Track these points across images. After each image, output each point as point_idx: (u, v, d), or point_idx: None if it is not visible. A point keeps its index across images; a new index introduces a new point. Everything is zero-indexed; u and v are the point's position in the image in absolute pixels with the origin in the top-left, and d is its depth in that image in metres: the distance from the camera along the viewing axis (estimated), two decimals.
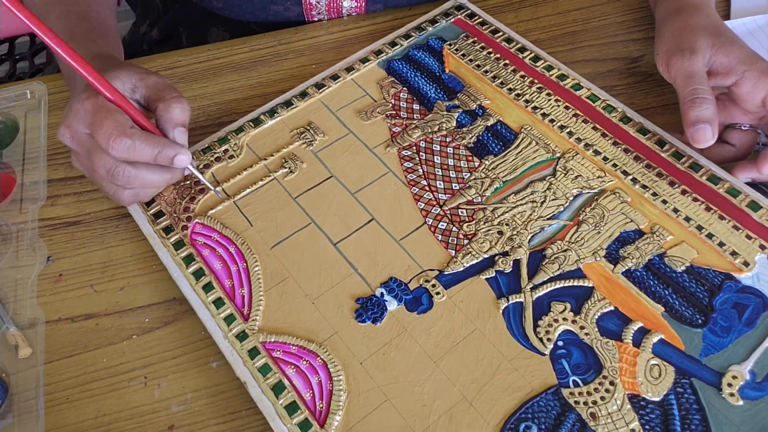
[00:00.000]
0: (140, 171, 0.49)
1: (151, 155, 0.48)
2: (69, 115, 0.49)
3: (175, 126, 0.50)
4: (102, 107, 0.48)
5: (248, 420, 0.46)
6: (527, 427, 0.43)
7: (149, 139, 0.48)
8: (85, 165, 0.51)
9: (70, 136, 0.50)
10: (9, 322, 0.50)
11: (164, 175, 0.51)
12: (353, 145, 0.58)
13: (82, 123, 0.49)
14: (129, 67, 0.52)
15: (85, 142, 0.49)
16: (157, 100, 0.50)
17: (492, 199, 0.54)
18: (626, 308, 0.47)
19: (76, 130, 0.49)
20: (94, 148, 0.49)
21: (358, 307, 0.49)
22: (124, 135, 0.47)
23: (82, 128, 0.49)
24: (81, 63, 0.47)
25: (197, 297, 0.50)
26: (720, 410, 0.43)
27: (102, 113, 0.47)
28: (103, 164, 0.48)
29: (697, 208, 0.52)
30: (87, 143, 0.49)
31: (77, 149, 0.50)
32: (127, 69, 0.51)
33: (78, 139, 0.49)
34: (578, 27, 0.68)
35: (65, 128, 0.50)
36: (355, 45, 0.67)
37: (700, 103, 0.51)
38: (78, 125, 0.49)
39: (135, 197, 0.52)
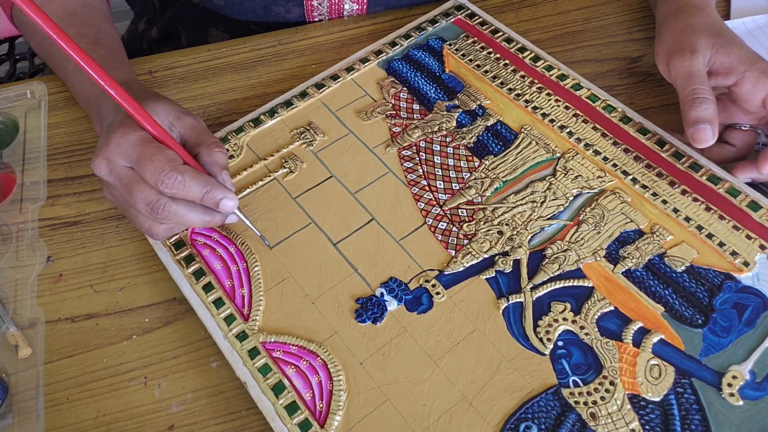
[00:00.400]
0: (180, 208, 0.48)
1: (198, 194, 0.47)
2: (108, 148, 0.47)
3: (220, 170, 0.49)
4: (150, 142, 0.47)
5: (248, 420, 0.46)
6: (527, 427, 0.43)
7: (199, 177, 0.47)
8: (118, 198, 0.50)
9: (108, 169, 0.48)
10: (9, 322, 0.50)
11: (204, 217, 0.49)
12: (353, 145, 0.58)
13: (124, 156, 0.47)
14: (166, 102, 0.51)
15: (124, 175, 0.48)
16: (197, 145, 0.50)
17: (492, 199, 0.54)
18: (626, 308, 0.47)
19: (116, 163, 0.47)
20: (135, 181, 0.47)
21: (358, 307, 0.49)
22: (176, 171, 0.46)
23: (123, 161, 0.47)
24: (122, 95, 0.46)
25: (197, 297, 0.50)
26: (720, 410, 0.43)
27: (151, 148, 0.47)
28: (144, 198, 0.47)
29: (697, 208, 0.52)
30: (127, 177, 0.47)
31: (114, 182, 0.48)
32: (165, 104, 0.50)
33: (116, 172, 0.48)
34: (578, 27, 0.68)
35: (103, 161, 0.48)
36: (355, 45, 0.67)
37: (701, 103, 0.51)
38: (118, 158, 0.47)
39: (169, 231, 0.51)
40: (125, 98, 0.47)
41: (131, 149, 0.47)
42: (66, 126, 0.63)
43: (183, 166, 0.47)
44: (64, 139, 0.62)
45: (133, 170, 0.47)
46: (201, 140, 0.50)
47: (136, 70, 0.66)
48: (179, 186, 0.46)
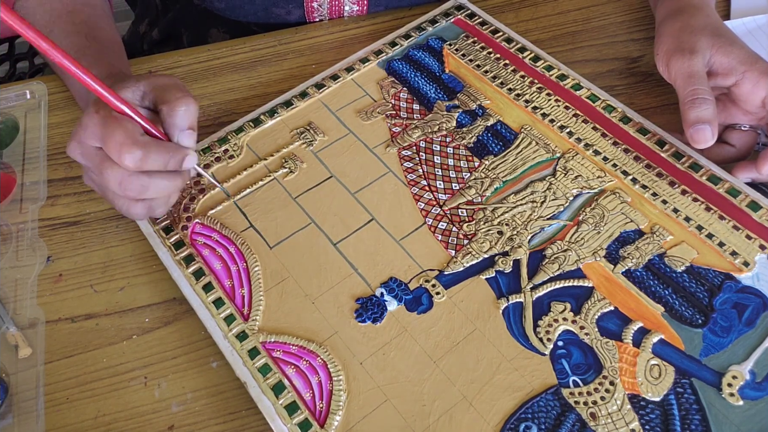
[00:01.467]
0: (153, 179, 0.47)
1: (162, 163, 0.47)
2: (78, 130, 0.48)
3: (180, 130, 0.48)
4: (111, 118, 0.46)
5: (248, 420, 0.46)
6: (527, 427, 0.43)
7: (160, 146, 0.47)
8: (96, 181, 0.50)
9: (80, 151, 0.48)
10: (9, 322, 0.50)
11: (175, 181, 0.49)
12: (353, 145, 0.58)
13: (91, 137, 0.47)
14: (139, 76, 0.51)
15: (95, 156, 0.48)
16: (162, 102, 0.49)
17: (492, 199, 0.54)
18: (626, 308, 0.47)
19: (86, 145, 0.47)
20: (104, 161, 0.47)
21: (358, 307, 0.49)
22: (135, 145, 0.45)
23: (92, 142, 0.47)
24: (87, 74, 0.46)
25: (197, 297, 0.50)
26: (720, 410, 0.43)
27: (111, 124, 0.46)
28: (114, 177, 0.47)
29: (697, 208, 0.52)
30: (97, 157, 0.47)
31: (88, 164, 0.49)
32: (137, 77, 0.50)
33: (88, 154, 0.48)
34: (578, 27, 0.68)
35: (75, 144, 0.48)
36: (355, 45, 0.67)
37: (700, 104, 0.51)
38: (87, 139, 0.47)
39: (148, 210, 0.50)
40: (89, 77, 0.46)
41: (96, 128, 0.46)
42: (66, 126, 0.63)
43: (142, 138, 0.46)
44: (64, 139, 0.62)
45: (102, 150, 0.47)
46: (164, 98, 0.48)
47: (136, 70, 0.66)
48: (142, 160, 0.46)
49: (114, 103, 0.47)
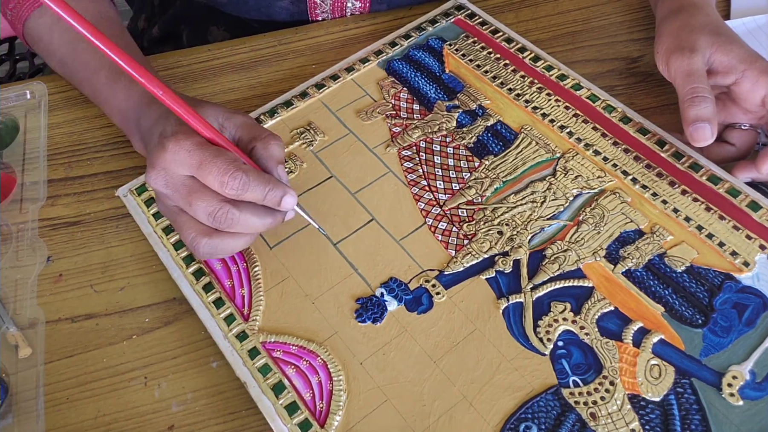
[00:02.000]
0: (244, 213, 0.45)
1: (261, 194, 0.45)
2: (164, 157, 0.45)
3: (277, 164, 0.47)
4: (208, 146, 0.45)
5: (248, 420, 0.46)
6: (527, 427, 0.43)
7: (260, 176, 0.45)
8: (172, 210, 0.47)
9: (165, 180, 0.45)
10: (9, 322, 0.50)
11: (266, 219, 0.46)
12: (353, 145, 0.58)
13: (182, 164, 0.45)
14: (212, 105, 0.49)
15: (183, 184, 0.45)
16: (252, 140, 0.47)
17: (492, 199, 0.54)
18: (626, 308, 0.47)
19: (174, 173, 0.45)
20: (195, 190, 0.45)
21: (358, 307, 0.49)
22: (240, 170, 0.44)
23: (182, 170, 0.45)
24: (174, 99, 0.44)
25: (197, 297, 0.50)
26: (720, 410, 0.43)
27: (211, 151, 0.44)
28: (206, 206, 0.45)
29: (697, 208, 0.52)
30: (186, 186, 0.45)
31: (171, 193, 0.46)
32: (212, 107, 0.48)
33: (174, 183, 0.45)
34: (578, 27, 0.68)
35: (161, 171, 0.45)
36: (355, 45, 0.67)
37: (700, 102, 0.51)
38: (176, 167, 0.45)
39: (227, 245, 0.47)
40: (177, 103, 0.44)
41: (189, 156, 0.44)
42: (66, 126, 0.63)
43: (245, 166, 0.45)
44: (64, 139, 0.62)
45: (192, 179, 0.45)
46: (255, 134, 0.48)
47: None
48: (244, 187, 0.44)
49: (203, 131, 0.45)
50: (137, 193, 0.56)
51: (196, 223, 0.46)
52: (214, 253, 0.47)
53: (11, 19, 0.64)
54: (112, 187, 0.57)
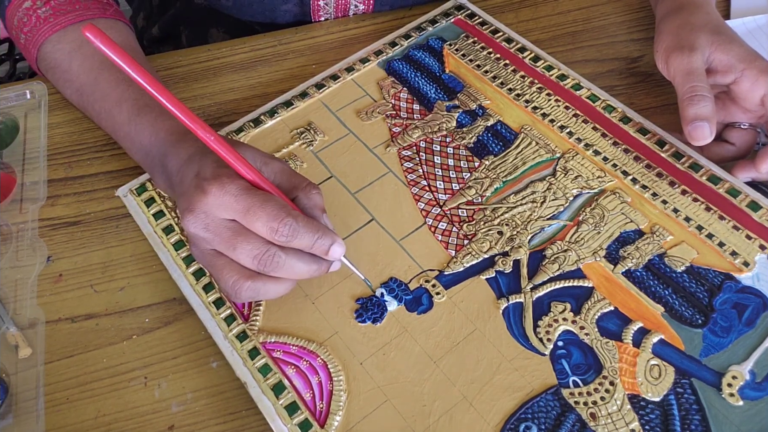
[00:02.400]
0: (290, 258, 0.44)
1: (310, 242, 0.44)
2: (205, 200, 0.43)
3: (322, 212, 0.46)
4: (255, 190, 0.44)
5: (248, 420, 0.46)
6: (527, 428, 0.43)
7: (310, 223, 0.44)
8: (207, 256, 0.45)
9: (205, 224, 0.44)
10: (9, 322, 0.50)
11: (312, 266, 0.45)
12: (353, 145, 0.58)
13: (225, 208, 0.43)
14: (250, 148, 0.47)
15: (225, 228, 0.44)
16: (292, 189, 0.46)
17: (492, 199, 0.54)
18: (626, 308, 0.47)
19: (215, 217, 0.44)
20: (240, 234, 0.43)
21: (358, 307, 0.49)
22: (290, 216, 0.43)
23: (225, 214, 0.43)
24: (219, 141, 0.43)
25: (197, 297, 0.50)
26: (720, 410, 0.43)
27: (260, 196, 0.43)
28: (252, 250, 0.43)
29: (697, 208, 0.52)
30: (230, 230, 0.44)
31: (212, 237, 0.44)
32: (250, 150, 0.47)
33: (215, 227, 0.44)
34: (578, 27, 0.68)
35: (200, 215, 0.44)
36: (355, 45, 0.67)
37: (699, 101, 0.51)
38: (219, 211, 0.43)
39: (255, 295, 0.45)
40: (223, 146, 0.43)
41: (234, 200, 0.43)
42: (66, 126, 0.63)
43: (295, 212, 0.44)
44: (64, 139, 0.62)
45: (235, 223, 0.44)
46: (295, 183, 0.47)
47: None
48: (294, 233, 0.43)
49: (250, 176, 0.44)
50: (137, 193, 0.56)
51: (237, 266, 0.44)
52: (255, 297, 0.45)
53: (24, 43, 0.60)
54: (112, 187, 0.57)
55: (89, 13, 0.60)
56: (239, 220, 0.44)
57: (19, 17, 0.60)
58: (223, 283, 0.45)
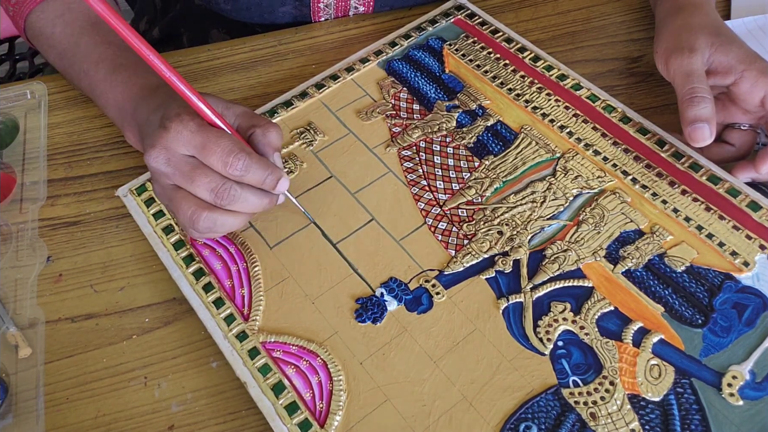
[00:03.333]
0: (245, 191, 0.47)
1: (261, 177, 0.47)
2: (166, 136, 0.46)
3: (273, 150, 0.49)
4: (209, 128, 0.46)
5: (248, 420, 0.46)
6: (527, 427, 0.43)
7: (260, 161, 0.47)
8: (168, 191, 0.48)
9: (166, 158, 0.46)
10: (9, 322, 0.50)
11: (263, 200, 0.48)
12: (353, 145, 0.58)
13: (185, 144, 0.46)
14: (212, 96, 0.50)
15: (184, 163, 0.46)
16: (251, 127, 0.49)
17: (492, 199, 0.54)
18: (626, 308, 0.47)
19: (175, 152, 0.46)
20: (197, 167, 0.46)
21: (358, 307, 0.49)
22: (243, 151, 0.46)
23: (184, 149, 0.46)
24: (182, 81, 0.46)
25: (197, 297, 0.50)
26: (720, 410, 0.43)
27: (214, 132, 0.46)
28: (209, 183, 0.46)
29: (697, 208, 0.52)
30: (188, 164, 0.46)
31: (172, 171, 0.47)
32: (212, 97, 0.50)
33: (176, 162, 0.46)
34: (578, 27, 0.68)
35: (162, 150, 0.46)
36: (355, 45, 0.67)
37: (698, 102, 0.51)
38: (178, 146, 0.46)
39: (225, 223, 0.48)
40: (186, 85, 0.46)
41: (192, 136, 0.46)
42: (66, 126, 0.63)
43: (247, 148, 0.47)
44: (64, 139, 0.62)
45: (194, 159, 0.47)
46: (254, 122, 0.49)
47: None
48: (245, 169, 0.46)
49: (208, 114, 0.47)
50: (137, 193, 0.56)
51: (194, 198, 0.47)
52: (212, 228, 0.48)
53: (13, 14, 0.64)
54: (112, 187, 0.57)
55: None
56: (196, 155, 0.46)
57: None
58: (181, 215, 0.47)
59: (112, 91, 0.56)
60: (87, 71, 0.59)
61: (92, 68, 0.58)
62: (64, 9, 0.61)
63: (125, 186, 0.57)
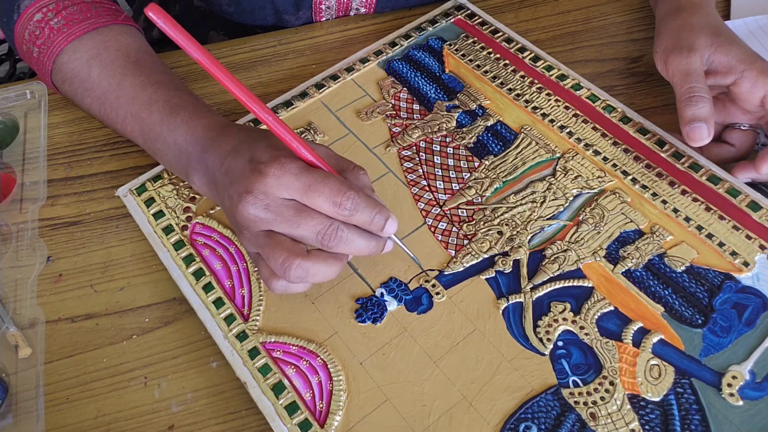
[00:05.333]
0: (351, 233, 0.44)
1: (369, 216, 0.44)
2: (265, 181, 0.43)
3: (372, 192, 0.47)
4: (313, 169, 0.44)
5: (248, 420, 0.46)
6: (527, 427, 0.43)
7: (369, 200, 0.44)
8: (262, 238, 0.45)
9: (264, 204, 0.44)
10: (9, 322, 0.50)
11: (370, 242, 0.45)
12: (353, 145, 0.58)
13: (285, 188, 0.43)
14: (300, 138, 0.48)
15: (286, 208, 0.44)
16: (341, 171, 0.47)
17: (492, 199, 0.54)
18: (626, 308, 0.47)
19: (275, 197, 0.44)
20: (301, 211, 0.44)
21: (358, 307, 0.49)
22: (351, 189, 0.43)
23: (285, 193, 0.44)
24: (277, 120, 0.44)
25: (197, 297, 0.50)
26: (720, 410, 0.43)
27: (320, 173, 0.44)
28: (315, 225, 0.43)
29: (697, 208, 0.52)
30: (291, 207, 0.44)
31: (273, 217, 0.44)
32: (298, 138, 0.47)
33: (275, 206, 0.44)
34: (578, 27, 0.68)
35: (260, 195, 0.43)
36: (355, 45, 0.67)
37: (697, 102, 0.51)
38: (279, 191, 0.43)
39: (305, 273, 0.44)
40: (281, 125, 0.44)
41: (295, 178, 0.43)
42: (66, 126, 0.63)
43: (355, 187, 0.44)
44: (64, 139, 0.62)
45: (295, 202, 0.44)
46: (343, 165, 0.47)
47: None
48: (356, 207, 0.43)
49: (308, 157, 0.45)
50: (137, 193, 0.56)
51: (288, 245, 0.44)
52: (304, 277, 0.44)
53: (38, 56, 0.58)
54: (112, 187, 0.57)
55: (102, 20, 0.58)
56: (300, 198, 0.44)
57: (30, 30, 0.58)
58: (272, 261, 0.44)
59: (172, 134, 0.52)
60: (137, 114, 0.54)
61: (143, 110, 0.54)
62: (100, 48, 0.57)
63: (125, 186, 0.57)
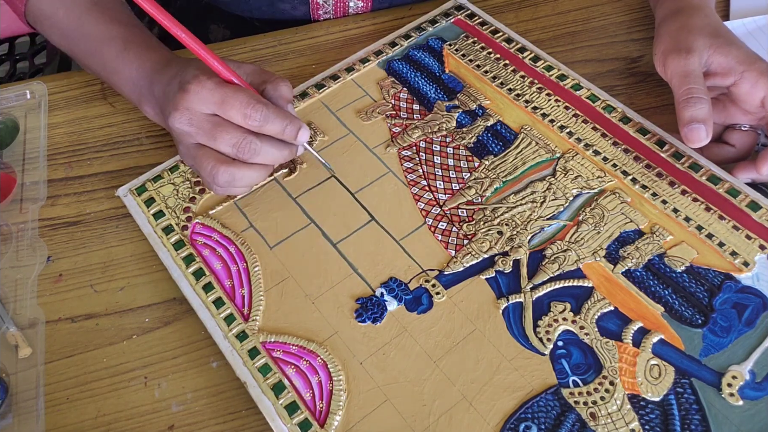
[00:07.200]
0: (265, 144, 0.49)
1: (280, 128, 0.49)
2: (187, 98, 0.49)
3: (287, 102, 0.51)
4: (227, 85, 0.49)
5: (248, 420, 0.46)
6: (527, 427, 0.43)
7: (279, 111, 0.49)
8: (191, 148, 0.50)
9: (188, 119, 0.49)
10: (9, 322, 0.50)
11: (284, 151, 0.51)
12: (353, 145, 0.58)
13: (204, 102, 0.48)
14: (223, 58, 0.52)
15: (206, 121, 0.49)
16: (262, 83, 0.51)
17: (492, 199, 0.54)
18: (626, 308, 0.47)
19: (197, 111, 0.49)
20: (218, 124, 0.49)
21: (358, 307, 0.49)
22: (260, 103, 0.48)
23: (204, 108, 0.49)
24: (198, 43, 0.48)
25: (197, 297, 0.50)
26: (720, 410, 0.43)
27: (231, 89, 0.48)
28: (230, 138, 0.48)
29: (697, 208, 0.52)
30: (210, 122, 0.49)
31: (195, 131, 0.49)
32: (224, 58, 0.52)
33: (198, 121, 0.49)
34: (578, 27, 0.68)
35: (184, 111, 0.49)
36: (355, 45, 0.67)
37: (695, 103, 0.51)
38: (199, 106, 0.49)
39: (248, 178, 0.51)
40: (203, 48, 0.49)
41: (211, 93, 0.48)
42: (66, 126, 0.63)
43: (264, 100, 0.49)
44: (64, 139, 0.62)
45: (215, 116, 0.49)
46: (265, 78, 0.52)
47: None
48: (265, 118, 0.48)
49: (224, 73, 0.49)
50: (137, 193, 0.56)
51: (215, 154, 0.49)
52: (231, 182, 0.50)
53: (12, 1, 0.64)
54: (112, 187, 0.57)
55: None
56: (216, 111, 0.49)
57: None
58: (203, 171, 0.50)
59: (126, 68, 0.57)
60: (96, 50, 0.59)
61: (101, 47, 0.59)
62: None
63: (125, 186, 0.57)
